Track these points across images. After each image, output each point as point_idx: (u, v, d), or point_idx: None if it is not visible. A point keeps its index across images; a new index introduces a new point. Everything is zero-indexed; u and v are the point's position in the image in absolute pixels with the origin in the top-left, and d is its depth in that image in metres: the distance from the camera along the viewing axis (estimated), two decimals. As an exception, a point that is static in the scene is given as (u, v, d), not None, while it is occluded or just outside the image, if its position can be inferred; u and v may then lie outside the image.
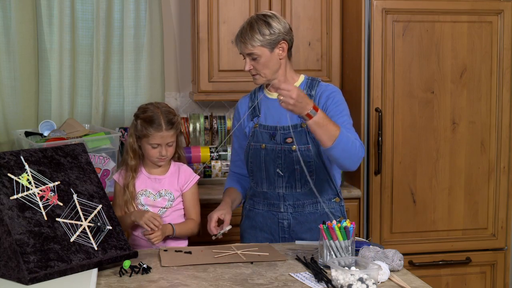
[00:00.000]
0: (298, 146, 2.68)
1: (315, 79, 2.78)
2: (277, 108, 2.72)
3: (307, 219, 2.75)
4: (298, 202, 2.74)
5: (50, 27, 3.86)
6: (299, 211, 2.75)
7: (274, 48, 2.66)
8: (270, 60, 2.67)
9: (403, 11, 3.59)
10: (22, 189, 2.24)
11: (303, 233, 2.75)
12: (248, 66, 2.68)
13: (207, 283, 2.18)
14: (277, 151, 2.73)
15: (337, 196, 2.80)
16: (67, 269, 2.16)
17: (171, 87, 4.13)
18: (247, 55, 2.67)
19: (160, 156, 2.73)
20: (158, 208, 2.77)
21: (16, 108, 3.82)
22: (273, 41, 2.64)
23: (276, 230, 2.79)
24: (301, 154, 2.67)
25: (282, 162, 2.72)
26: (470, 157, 3.71)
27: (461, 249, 3.74)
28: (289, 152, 2.71)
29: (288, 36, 2.69)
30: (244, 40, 2.65)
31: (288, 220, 2.76)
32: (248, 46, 2.64)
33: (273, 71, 2.69)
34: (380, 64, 3.59)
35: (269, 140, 2.74)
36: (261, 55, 2.64)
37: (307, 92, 2.72)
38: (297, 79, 2.77)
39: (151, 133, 2.70)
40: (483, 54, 3.68)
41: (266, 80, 2.71)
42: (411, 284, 2.18)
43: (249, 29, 2.65)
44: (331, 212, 2.75)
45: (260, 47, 2.64)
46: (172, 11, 4.10)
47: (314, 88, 2.73)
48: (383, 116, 3.60)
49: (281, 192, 2.75)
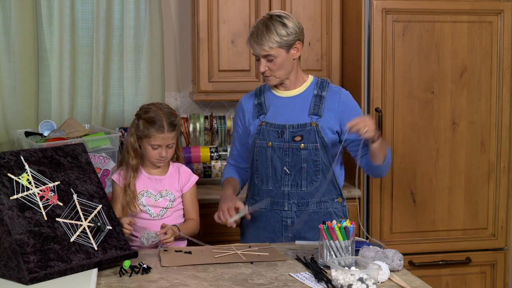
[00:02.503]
0: (307, 144, 2.69)
1: (324, 80, 2.81)
2: (286, 107, 2.73)
3: (310, 218, 2.75)
4: (303, 200, 2.75)
5: (50, 27, 3.86)
6: (303, 210, 2.75)
7: (290, 49, 2.66)
8: (286, 61, 2.67)
9: (403, 11, 3.59)
10: (22, 189, 2.24)
11: (306, 232, 2.75)
12: (264, 67, 2.67)
13: (207, 283, 2.18)
14: (284, 149, 2.73)
15: (340, 196, 2.80)
16: (67, 269, 2.16)
17: (171, 87, 4.13)
18: (263, 56, 2.65)
19: (160, 157, 2.73)
20: (159, 209, 2.77)
21: (16, 108, 3.82)
22: (290, 41, 2.65)
23: (279, 229, 2.79)
24: (309, 153, 2.70)
25: (289, 160, 2.73)
26: (470, 157, 3.71)
27: (461, 249, 3.74)
28: (297, 150, 2.71)
29: (302, 36, 2.72)
30: (261, 41, 2.62)
31: (292, 219, 2.77)
32: (265, 48, 2.62)
33: (288, 72, 2.71)
34: (380, 64, 3.59)
35: (277, 138, 2.74)
36: (278, 56, 2.64)
37: (318, 93, 2.75)
38: (306, 79, 2.80)
39: (153, 134, 2.70)
40: (483, 54, 3.68)
41: (279, 81, 2.73)
42: (411, 284, 2.18)
43: (265, 31, 2.63)
44: (334, 212, 2.77)
45: (278, 48, 2.63)
46: (172, 11, 4.10)
47: (325, 90, 2.76)
48: (383, 116, 3.60)
49: (286, 190, 2.75)
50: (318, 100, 2.73)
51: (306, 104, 2.74)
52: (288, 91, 2.78)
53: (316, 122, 2.71)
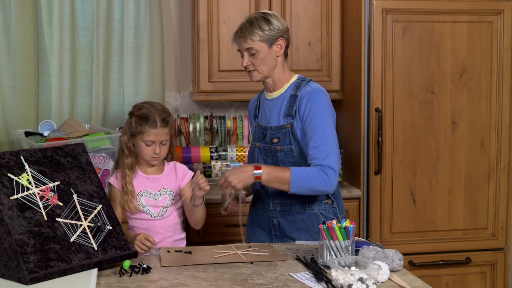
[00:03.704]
0: (282, 147, 2.72)
1: (305, 79, 2.79)
2: (269, 109, 2.78)
3: (295, 218, 2.77)
4: (286, 201, 2.77)
5: (50, 27, 3.86)
6: (287, 210, 2.78)
7: (273, 44, 2.71)
8: (268, 56, 2.71)
9: (403, 11, 3.59)
10: (22, 189, 2.24)
11: (292, 232, 2.77)
12: (246, 61, 2.73)
13: (207, 283, 2.18)
14: (266, 150, 2.78)
15: (329, 198, 2.79)
16: (67, 269, 2.16)
17: (171, 87, 4.13)
18: (246, 50, 2.71)
19: (154, 154, 2.73)
20: (159, 208, 2.77)
21: (16, 108, 3.82)
22: (272, 37, 2.69)
23: (269, 227, 2.83)
24: (285, 155, 2.72)
25: (270, 162, 2.76)
26: (470, 157, 3.71)
27: (461, 249, 3.74)
28: (275, 152, 2.75)
29: (286, 35, 2.75)
30: (244, 35, 2.70)
31: (277, 218, 2.80)
32: (248, 41, 2.69)
33: (270, 67, 2.74)
34: (380, 64, 3.59)
35: (262, 139, 2.80)
36: (260, 50, 2.69)
37: (294, 93, 2.74)
38: (289, 79, 2.80)
39: (146, 130, 2.70)
40: (483, 54, 3.68)
41: (262, 77, 2.75)
42: (411, 284, 2.18)
43: (248, 25, 2.70)
44: (321, 214, 2.75)
45: (259, 41, 2.69)
46: (172, 11, 4.10)
47: (300, 89, 2.75)
48: (383, 116, 3.60)
49: (270, 191, 2.78)
50: (293, 100, 2.73)
51: (283, 105, 2.75)
52: (272, 93, 2.81)
53: (290, 123, 2.71)
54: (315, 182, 2.61)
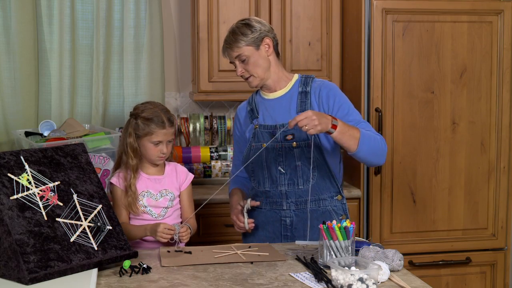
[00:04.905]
0: (299, 143, 2.71)
1: (309, 76, 2.82)
2: (274, 108, 2.76)
3: (310, 216, 2.75)
4: (301, 199, 2.76)
5: (50, 27, 3.86)
6: (301, 208, 2.76)
7: (259, 45, 2.73)
8: (259, 58, 2.73)
9: (403, 11, 3.59)
10: (22, 189, 2.24)
11: (306, 230, 2.76)
12: (240, 70, 2.75)
13: (207, 283, 2.18)
14: (278, 149, 2.75)
15: (339, 193, 2.80)
16: (67, 269, 2.16)
17: (171, 87, 4.13)
18: (236, 58, 2.74)
19: (161, 153, 2.75)
20: (160, 208, 2.78)
21: (16, 108, 3.82)
22: (256, 38, 2.72)
23: (278, 229, 2.80)
24: (302, 151, 2.72)
25: (283, 160, 2.74)
26: (470, 157, 3.71)
27: (461, 249, 3.75)
28: (289, 149, 2.73)
29: (271, 34, 2.77)
30: (230, 45, 2.73)
31: (290, 218, 2.78)
32: (235, 49, 2.72)
33: (264, 69, 2.75)
34: (380, 64, 3.59)
35: (270, 138, 2.76)
36: (249, 55, 2.71)
37: (303, 90, 2.76)
38: (291, 77, 2.82)
39: (155, 131, 2.73)
40: (483, 54, 3.68)
41: (260, 81, 2.76)
42: (411, 284, 2.18)
43: (232, 35, 2.74)
44: (333, 210, 2.77)
45: (246, 46, 2.71)
46: (172, 11, 4.10)
47: (309, 85, 2.77)
48: (383, 116, 3.60)
49: (283, 190, 2.76)
50: (304, 96, 2.75)
51: (293, 102, 2.76)
52: (273, 92, 2.81)
53: None
54: (379, 144, 2.64)
